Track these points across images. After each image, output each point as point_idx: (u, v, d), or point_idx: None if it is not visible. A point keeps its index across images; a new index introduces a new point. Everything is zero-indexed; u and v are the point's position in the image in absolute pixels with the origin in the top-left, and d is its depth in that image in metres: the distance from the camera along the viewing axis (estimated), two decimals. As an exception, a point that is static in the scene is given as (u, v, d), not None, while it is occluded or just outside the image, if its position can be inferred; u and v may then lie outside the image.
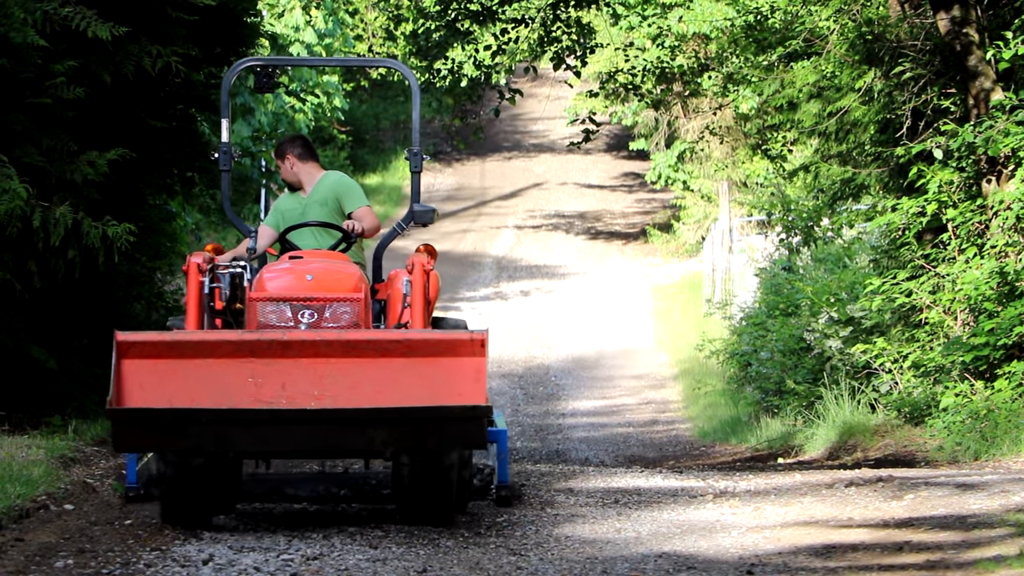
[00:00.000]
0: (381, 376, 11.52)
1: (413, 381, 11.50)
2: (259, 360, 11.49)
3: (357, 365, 11.55)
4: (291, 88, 34.03)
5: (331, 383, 11.51)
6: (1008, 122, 19.88)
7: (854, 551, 12.01)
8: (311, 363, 11.54)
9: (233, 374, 11.51)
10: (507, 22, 39.58)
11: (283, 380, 11.46)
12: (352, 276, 12.68)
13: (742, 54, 28.89)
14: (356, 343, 11.63)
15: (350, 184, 14.04)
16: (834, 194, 24.06)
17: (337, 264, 13.01)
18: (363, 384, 11.52)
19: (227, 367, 11.53)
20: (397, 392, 11.44)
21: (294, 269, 12.71)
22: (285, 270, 12.70)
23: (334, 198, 13.83)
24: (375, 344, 11.63)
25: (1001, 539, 12.00)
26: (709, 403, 26.26)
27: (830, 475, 17.08)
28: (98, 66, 16.82)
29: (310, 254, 13.22)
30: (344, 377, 11.53)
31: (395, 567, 11.25)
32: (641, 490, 16.01)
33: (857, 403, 21.45)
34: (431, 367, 11.55)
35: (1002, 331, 19.44)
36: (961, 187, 20.49)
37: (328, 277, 12.60)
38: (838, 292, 22.98)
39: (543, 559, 12.00)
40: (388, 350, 11.57)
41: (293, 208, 13.85)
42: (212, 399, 11.46)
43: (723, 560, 11.84)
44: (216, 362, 11.53)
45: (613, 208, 44.22)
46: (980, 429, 18.82)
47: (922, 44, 21.30)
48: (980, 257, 19.96)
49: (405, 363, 11.56)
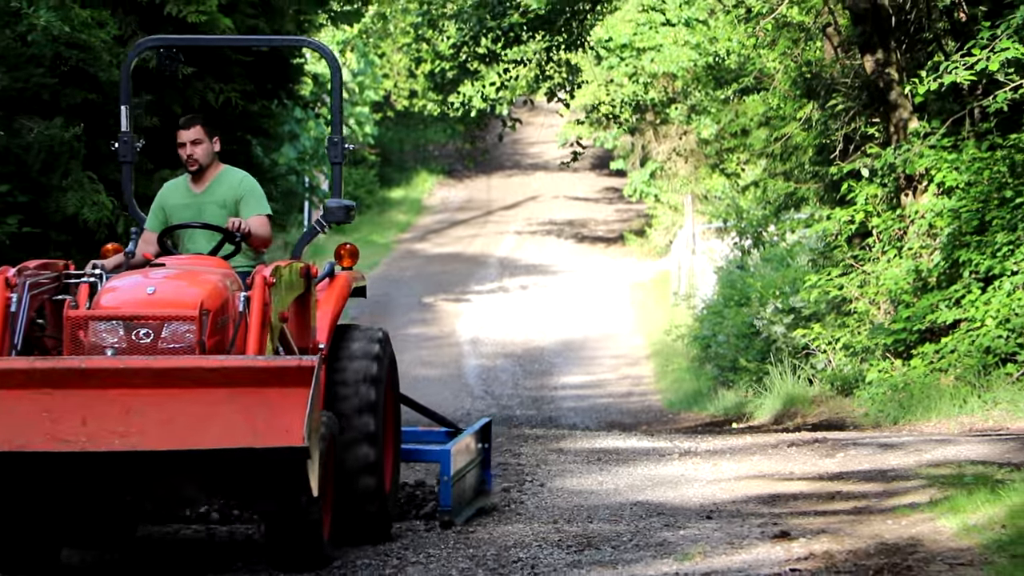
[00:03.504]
0: (195, 410, 8.31)
1: (232, 416, 8.29)
2: (57, 392, 8.34)
3: (169, 397, 8.32)
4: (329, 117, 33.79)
5: (139, 419, 8.27)
6: (922, 146, 19.81)
7: (795, 499, 11.97)
8: (118, 395, 8.31)
9: (26, 408, 8.34)
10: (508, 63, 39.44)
11: (84, 415, 8.26)
12: (199, 289, 9.12)
13: (703, 89, 28.63)
14: (166, 371, 8.40)
15: (254, 186, 10.34)
16: (779, 205, 23.97)
17: (197, 273, 9.45)
18: (176, 420, 8.29)
19: (19, 400, 8.36)
20: (213, 429, 8.26)
21: (141, 280, 9.27)
22: (130, 281, 9.29)
23: (234, 200, 10.19)
24: (187, 372, 8.39)
25: (915, 489, 12.01)
26: (676, 378, 25.98)
27: (775, 437, 17.13)
28: (170, 99, 16.30)
29: (182, 260, 9.79)
30: (154, 412, 8.28)
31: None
32: (619, 450, 15.86)
33: (797, 378, 21.41)
34: (252, 399, 8.30)
35: (917, 318, 19.41)
36: (884, 200, 20.49)
37: (171, 290, 9.13)
38: (782, 286, 22.78)
39: (538, 507, 12.02)
40: (203, 379, 8.35)
41: (184, 205, 10.19)
42: (3, 440, 8.32)
43: (687, 507, 11.74)
44: (6, 394, 8.37)
45: (596, 217, 43.93)
46: (898, 399, 18.81)
47: (852, 81, 21.23)
48: (899, 257, 19.95)
49: (225, 394, 8.34)
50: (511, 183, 48.51)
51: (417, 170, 49.32)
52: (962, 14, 20.32)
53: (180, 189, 10.27)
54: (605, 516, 11.41)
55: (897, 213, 20.29)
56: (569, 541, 10.31)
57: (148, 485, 8.80)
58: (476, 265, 37.21)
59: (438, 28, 40.71)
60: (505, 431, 18.54)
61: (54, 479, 8.64)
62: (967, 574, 8.71)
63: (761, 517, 11.08)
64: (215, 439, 8.23)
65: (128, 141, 10.79)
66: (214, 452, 8.24)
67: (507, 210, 44.80)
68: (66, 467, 8.47)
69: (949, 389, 18.69)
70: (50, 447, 8.25)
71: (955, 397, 18.48)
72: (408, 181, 48.37)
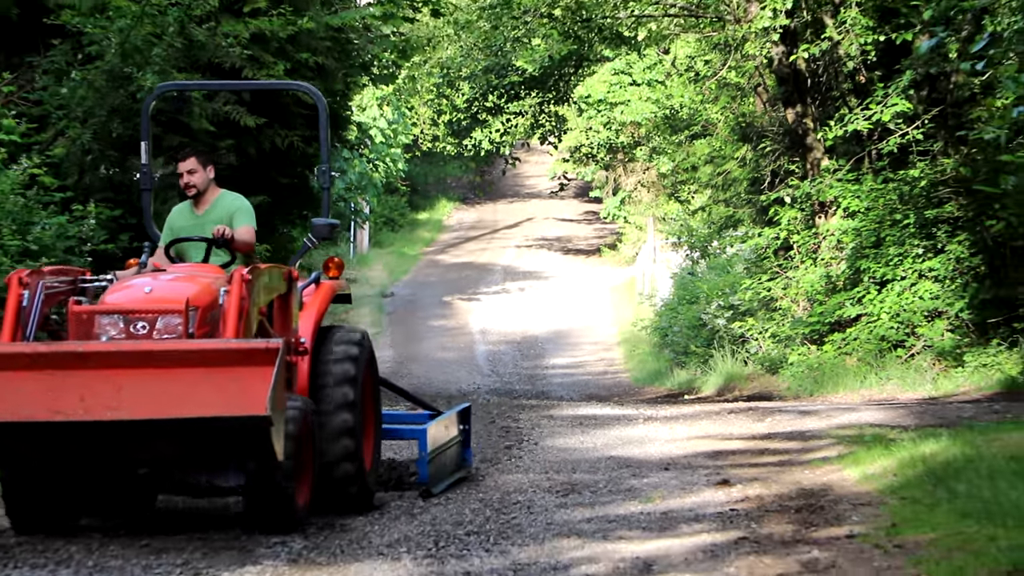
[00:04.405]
0: (176, 386, 7.78)
1: (207, 390, 7.75)
2: (58, 372, 7.87)
3: (154, 375, 7.81)
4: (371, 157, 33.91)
5: (128, 394, 7.78)
6: (832, 179, 19.93)
7: (733, 454, 11.98)
8: (111, 374, 7.81)
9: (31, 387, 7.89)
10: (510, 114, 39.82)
11: (81, 392, 7.80)
12: (188, 288, 8.55)
13: (661, 135, 28.58)
14: (151, 353, 7.94)
15: (243, 204, 9.60)
16: (721, 225, 23.88)
17: (191, 276, 8.82)
18: (159, 394, 7.78)
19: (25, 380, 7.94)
20: (191, 401, 7.75)
21: (142, 282, 8.75)
22: (133, 283, 8.78)
23: (228, 217, 9.45)
24: (169, 354, 7.91)
25: (826, 446, 12.05)
26: (640, 360, 25.96)
27: (718, 406, 17.14)
28: (247, 143, 16.13)
29: (182, 267, 9.20)
30: (141, 387, 7.79)
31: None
32: (596, 416, 15.81)
33: (735, 360, 21.41)
34: (225, 376, 7.76)
35: (827, 313, 19.53)
36: (802, 221, 20.50)
37: (164, 290, 8.57)
38: (723, 288, 22.69)
39: (533, 460, 11.99)
40: (183, 360, 7.86)
41: (189, 226, 9.52)
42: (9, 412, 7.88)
43: (649, 461, 11.73)
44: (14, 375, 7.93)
45: (579, 234, 43.90)
46: (813, 376, 18.90)
47: (777, 129, 21.20)
48: (814, 266, 19.99)
49: (202, 372, 7.79)
50: (512, 208, 48.48)
51: (438, 197, 49.28)
52: (862, 77, 20.36)
53: (184, 212, 9.59)
54: (585, 468, 11.39)
55: (812, 231, 20.31)
56: (557, 487, 10.31)
57: (136, 450, 8.16)
58: (484, 272, 37.19)
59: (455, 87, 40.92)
60: (507, 401, 18.54)
61: (56, 447, 8.07)
62: (866, 511, 8.69)
63: (707, 468, 11.07)
64: (191, 409, 7.69)
65: (147, 172, 9.99)
66: (190, 420, 7.71)
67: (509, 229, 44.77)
68: (65, 436, 7.93)
69: (853, 368, 18.78)
70: (51, 418, 7.79)
71: (857, 375, 18.59)
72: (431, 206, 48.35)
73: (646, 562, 7.44)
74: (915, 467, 9.85)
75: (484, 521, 8.91)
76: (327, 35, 17.07)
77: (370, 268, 36.90)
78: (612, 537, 8.25)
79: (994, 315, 18.77)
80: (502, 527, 8.69)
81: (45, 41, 15.06)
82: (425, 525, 8.80)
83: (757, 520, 8.63)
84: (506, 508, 9.41)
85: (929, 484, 9.06)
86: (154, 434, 7.84)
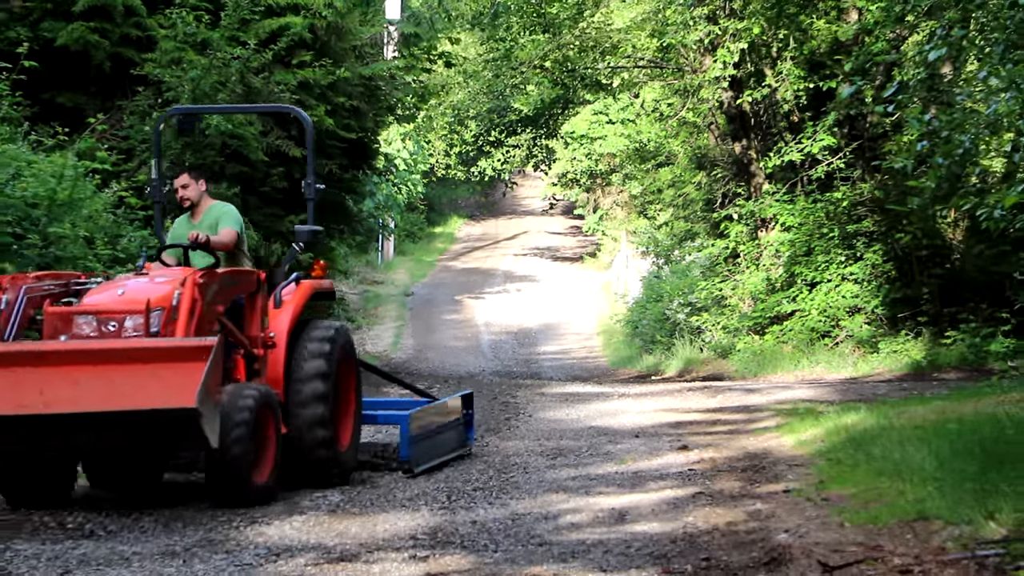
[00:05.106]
0: (125, 381, 7.08)
1: (151, 384, 7.05)
2: (19, 369, 7.21)
3: (105, 371, 7.11)
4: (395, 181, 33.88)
5: (83, 388, 7.10)
6: (771, 200, 19.94)
7: (691, 424, 11.97)
8: (68, 371, 7.14)
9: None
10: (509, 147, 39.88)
11: (41, 387, 7.15)
12: (156, 291, 7.76)
13: (632, 163, 28.76)
14: (102, 352, 7.24)
15: (229, 210, 8.96)
16: (681, 237, 23.87)
17: (172, 279, 7.92)
18: (110, 388, 7.09)
19: None
20: (137, 395, 7.05)
21: (117, 285, 7.99)
22: (110, 286, 8.02)
23: (215, 222, 8.84)
24: (119, 352, 7.23)
25: (767, 418, 12.03)
26: (615, 347, 25.91)
27: (679, 385, 17.14)
28: (294, 170, 16.18)
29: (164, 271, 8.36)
30: (94, 382, 7.09)
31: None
32: (579, 393, 15.79)
33: (693, 347, 21.37)
34: (166, 371, 7.06)
35: (768, 309, 19.50)
36: (747, 234, 20.45)
37: (135, 292, 7.79)
38: (683, 289, 22.60)
39: (528, 429, 12.02)
40: (131, 357, 7.16)
41: (186, 234, 8.82)
42: None
43: (623, 430, 11.70)
44: None
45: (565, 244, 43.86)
46: (756, 361, 18.88)
47: (727, 159, 21.19)
48: (757, 270, 19.95)
49: (149, 368, 7.09)
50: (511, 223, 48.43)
51: (450, 215, 49.20)
52: (795, 117, 20.38)
53: (183, 222, 8.99)
54: (570, 436, 11.37)
55: (755, 242, 20.27)
56: (547, 452, 10.31)
57: (91, 439, 7.42)
58: (488, 276, 37.14)
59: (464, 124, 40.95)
60: (507, 381, 18.54)
61: (22, 437, 7.34)
62: (799, 471, 8.67)
63: (670, 436, 11.06)
64: (137, 402, 7.04)
65: (157, 186, 9.28)
66: (132, 412, 7.07)
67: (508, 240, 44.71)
68: (28, 427, 7.25)
69: (788, 354, 18.79)
70: (14, 411, 7.16)
71: (792, 359, 18.60)
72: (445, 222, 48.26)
73: (620, 512, 7.46)
74: (839, 434, 9.85)
75: (488, 479, 8.94)
76: (360, 83, 17.05)
77: (395, 272, 36.81)
78: (593, 492, 8.28)
79: (902, 311, 18.82)
80: (503, 484, 8.71)
81: (132, 88, 15.04)
82: (440, 483, 8.83)
83: (711, 478, 8.63)
84: (506, 469, 9.43)
85: (850, 448, 9.05)
86: (104, 425, 7.19)
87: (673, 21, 19.83)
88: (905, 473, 7.59)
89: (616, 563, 6.00)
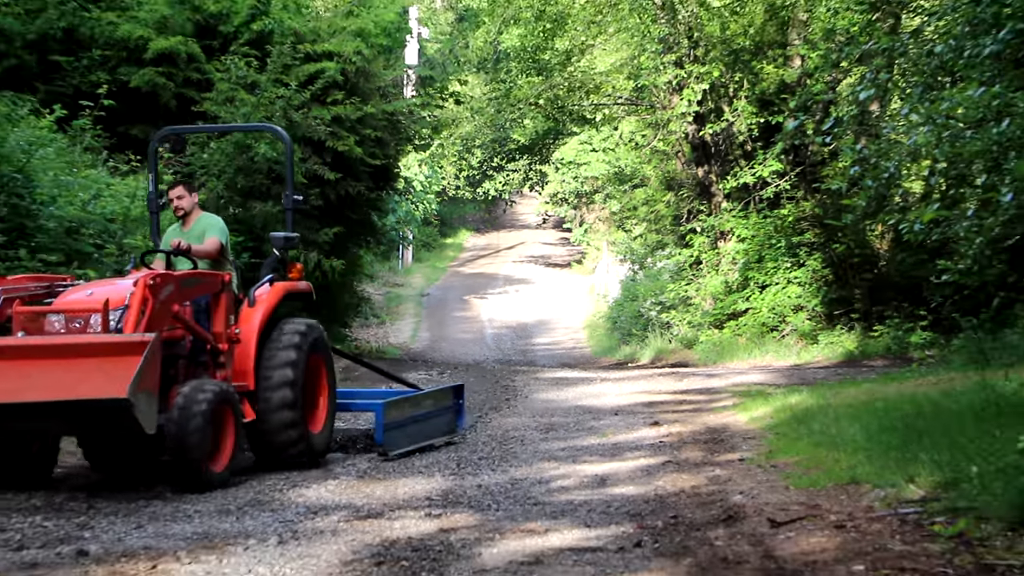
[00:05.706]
0: (71, 373, 6.54)
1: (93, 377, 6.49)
2: None
3: (54, 365, 6.61)
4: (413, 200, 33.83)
5: (33, 380, 6.57)
6: (728, 216, 19.92)
7: (661, 404, 11.94)
8: (20, 364, 6.63)
9: None
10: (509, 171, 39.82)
11: None
12: (116, 292, 7.22)
13: (612, 185, 28.80)
14: (52, 347, 6.72)
15: (215, 221, 8.35)
16: (653, 247, 23.78)
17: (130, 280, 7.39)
18: (57, 380, 6.56)
19: None
20: (81, 386, 6.50)
21: (90, 287, 7.45)
22: (85, 287, 7.47)
23: (202, 232, 8.27)
24: (66, 348, 6.69)
25: (726, 398, 11.99)
26: (598, 339, 25.83)
27: (651, 371, 17.15)
28: (328, 191, 16.10)
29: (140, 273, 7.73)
30: (43, 375, 6.61)
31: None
32: (568, 378, 15.78)
33: (663, 339, 21.30)
34: (108, 365, 6.50)
35: (726, 308, 19.46)
36: (708, 244, 20.40)
37: (100, 293, 7.24)
38: (655, 290, 22.63)
39: (525, 408, 12.02)
40: (78, 352, 6.63)
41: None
42: None
43: (605, 409, 11.66)
44: None
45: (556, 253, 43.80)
46: (716, 351, 18.82)
47: (691, 181, 21.14)
48: (717, 275, 19.92)
49: (95, 362, 6.56)
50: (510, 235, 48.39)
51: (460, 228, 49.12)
52: (749, 146, 20.38)
53: (175, 230, 8.44)
54: (560, 413, 11.34)
55: (715, 251, 20.24)
56: (541, 427, 10.28)
57: (42, 427, 6.98)
58: (491, 279, 37.11)
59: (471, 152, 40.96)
60: (507, 368, 18.55)
61: None
62: (752, 443, 8.63)
63: (644, 414, 11.04)
64: (79, 392, 6.47)
65: (154, 198, 8.66)
66: (74, 402, 6.49)
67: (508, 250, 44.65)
68: None
69: (743, 345, 18.78)
70: None
71: (746, 350, 18.58)
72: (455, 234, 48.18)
73: (602, 477, 7.46)
74: (785, 412, 9.81)
75: (491, 450, 8.94)
76: (384, 117, 17.09)
77: (412, 276, 36.76)
78: (579, 461, 8.27)
79: (838, 308, 18.83)
80: (503, 454, 8.71)
81: (192, 121, 15.09)
82: (451, 452, 8.82)
83: (678, 449, 8.61)
84: (506, 441, 9.44)
85: (794, 424, 9.03)
86: (50, 414, 6.68)
87: (646, 66, 19.92)
88: (840, 444, 7.60)
89: (598, 520, 6.01)
